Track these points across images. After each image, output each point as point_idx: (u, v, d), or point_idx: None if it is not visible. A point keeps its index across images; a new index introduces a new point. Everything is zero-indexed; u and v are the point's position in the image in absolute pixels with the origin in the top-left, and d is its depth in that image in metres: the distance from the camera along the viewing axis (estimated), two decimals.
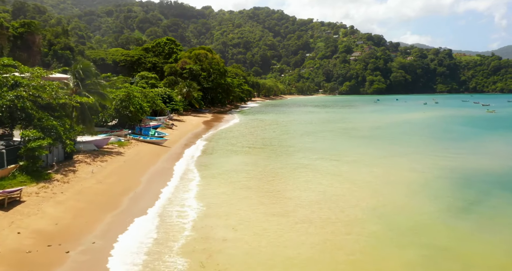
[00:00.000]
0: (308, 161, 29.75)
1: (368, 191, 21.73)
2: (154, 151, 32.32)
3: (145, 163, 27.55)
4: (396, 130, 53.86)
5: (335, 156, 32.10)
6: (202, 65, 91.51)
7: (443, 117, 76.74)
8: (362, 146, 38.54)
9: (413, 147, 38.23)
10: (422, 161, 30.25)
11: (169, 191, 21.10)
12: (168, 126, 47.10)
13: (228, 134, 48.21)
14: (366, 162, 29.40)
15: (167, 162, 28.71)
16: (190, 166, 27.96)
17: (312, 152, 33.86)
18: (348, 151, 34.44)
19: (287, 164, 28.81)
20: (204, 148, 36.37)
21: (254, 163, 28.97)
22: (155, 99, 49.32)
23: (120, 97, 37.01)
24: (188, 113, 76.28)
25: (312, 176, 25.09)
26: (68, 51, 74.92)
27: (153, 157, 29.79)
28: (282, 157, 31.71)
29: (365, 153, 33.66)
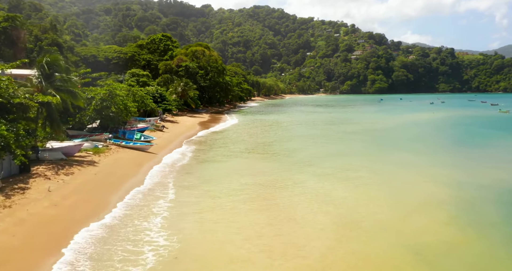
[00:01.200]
0: (317, 179, 23.64)
1: (395, 216, 17.16)
2: (137, 158, 27.75)
3: (122, 175, 22.97)
4: (409, 133, 49.00)
5: (347, 168, 27.02)
6: (199, 63, 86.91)
7: (456, 118, 71.97)
8: (375, 153, 33.76)
9: (437, 155, 33.01)
10: (451, 174, 25.42)
11: (142, 216, 16.55)
12: (158, 129, 42.52)
13: (225, 137, 43.61)
14: (384, 177, 24.37)
15: (149, 174, 24.10)
16: (176, 179, 23.33)
17: (319, 162, 29.08)
18: (362, 162, 29.44)
19: (294, 187, 21.73)
20: (195, 154, 31.74)
21: (252, 179, 24.15)
22: (144, 98, 44.72)
23: (101, 96, 32.46)
24: (183, 113, 71.73)
25: (325, 201, 20.05)
26: (55, 47, 70.20)
27: (134, 167, 25.21)
28: (285, 170, 26.87)
29: (381, 163, 28.98)
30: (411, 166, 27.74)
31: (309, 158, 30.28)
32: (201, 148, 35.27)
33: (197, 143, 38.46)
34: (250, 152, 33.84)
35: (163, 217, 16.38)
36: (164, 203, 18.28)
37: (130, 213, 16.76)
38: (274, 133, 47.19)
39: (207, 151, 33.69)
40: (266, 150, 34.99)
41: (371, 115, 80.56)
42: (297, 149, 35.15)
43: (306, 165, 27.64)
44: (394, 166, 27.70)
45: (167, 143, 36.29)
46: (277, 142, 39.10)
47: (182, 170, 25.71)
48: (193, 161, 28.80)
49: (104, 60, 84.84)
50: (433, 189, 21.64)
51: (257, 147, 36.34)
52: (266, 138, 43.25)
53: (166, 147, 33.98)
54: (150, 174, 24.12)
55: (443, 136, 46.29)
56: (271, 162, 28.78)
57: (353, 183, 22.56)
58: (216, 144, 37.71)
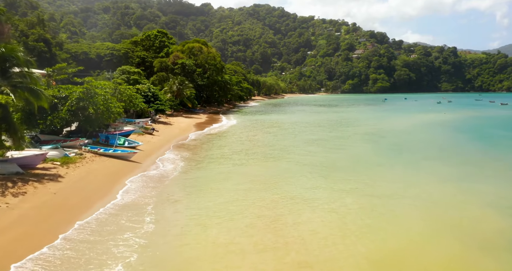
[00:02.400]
0: (331, 201, 18.24)
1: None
2: (114, 170, 23.17)
3: (90, 194, 18.39)
4: (429, 137, 43.83)
5: (369, 182, 22.07)
6: (197, 60, 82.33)
7: (471, 119, 67.07)
8: (400, 162, 28.86)
9: (474, 166, 27.30)
10: (501, 193, 20.47)
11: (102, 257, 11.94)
12: (148, 132, 37.88)
13: (222, 142, 38.98)
14: (426, 200, 19.04)
15: (126, 191, 19.50)
16: (158, 198, 18.74)
17: (331, 174, 24.38)
18: (387, 175, 24.62)
19: (299, 213, 16.69)
20: (187, 164, 27.08)
21: (252, 199, 19.46)
22: (132, 98, 40.08)
23: (77, 95, 27.88)
24: (179, 114, 67.18)
25: (344, 234, 15.64)
26: (42, 43, 65.63)
27: (108, 182, 20.62)
28: (294, 186, 22.36)
29: (409, 175, 24.36)
30: (450, 181, 22.82)
31: (319, 168, 25.63)
32: (194, 155, 30.61)
33: (190, 148, 33.80)
34: (249, 160, 29.20)
35: (126, 264, 11.74)
36: (134, 237, 13.65)
37: (76, 257, 12.07)
38: (277, 137, 42.45)
39: (200, 159, 29.02)
40: (267, 157, 30.34)
41: (380, 116, 75.74)
42: (304, 155, 30.47)
43: (317, 177, 23.04)
44: (429, 180, 22.92)
45: (156, 148, 31.66)
46: (280, 148, 34.36)
47: (168, 185, 21.13)
48: (183, 173, 24.17)
49: (96, 57, 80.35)
50: (494, 217, 16.83)
51: (257, 154, 31.65)
52: (268, 143, 38.51)
53: (153, 154, 29.36)
54: (127, 191, 19.53)
55: (467, 140, 41.26)
56: (275, 176, 24.13)
57: (386, 209, 17.72)
58: (211, 151, 33.07)
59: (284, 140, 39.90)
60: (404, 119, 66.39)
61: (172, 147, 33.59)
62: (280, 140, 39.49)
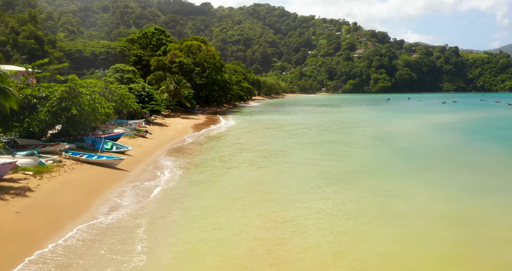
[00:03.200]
0: (341, 222, 15.27)
1: None
2: (98, 180, 20.20)
3: (62, 212, 15.43)
4: (440, 140, 40.65)
5: (383, 196, 18.97)
6: (195, 59, 79.41)
7: (481, 120, 63.96)
8: (412, 169, 25.58)
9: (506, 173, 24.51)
10: None
11: None
12: (140, 135, 34.90)
13: (220, 146, 36.01)
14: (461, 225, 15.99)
15: (106, 208, 16.55)
16: (144, 219, 15.79)
17: (341, 187, 21.15)
18: (400, 185, 21.18)
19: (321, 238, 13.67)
20: (180, 173, 24.15)
21: (255, 220, 16.54)
22: (124, 97, 37.12)
23: (59, 95, 24.94)
24: (176, 114, 64.28)
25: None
26: (32, 40, 62.72)
27: (88, 196, 17.65)
28: (300, 201, 19.39)
29: (432, 187, 21.33)
30: (483, 194, 19.79)
31: (327, 178, 22.55)
32: (191, 161, 27.59)
33: (186, 153, 30.82)
34: (250, 167, 26.26)
35: None
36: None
37: None
38: (279, 141, 39.46)
39: (196, 166, 25.97)
40: (270, 164, 27.36)
41: (386, 116, 72.63)
42: (309, 163, 27.32)
43: (325, 189, 20.08)
44: (458, 194, 19.98)
45: (148, 153, 28.68)
46: (283, 154, 31.28)
47: (160, 199, 18.19)
48: (178, 184, 21.21)
49: (91, 55, 77.52)
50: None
51: (259, 162, 28.62)
52: (270, 147, 35.52)
53: (144, 160, 26.40)
54: (112, 207, 16.58)
55: (485, 144, 38.07)
56: (279, 188, 21.16)
57: (411, 232, 14.85)
58: (209, 156, 30.06)
59: (286, 143, 36.88)
60: (412, 120, 63.38)
61: (166, 152, 30.62)
62: (283, 144, 36.47)
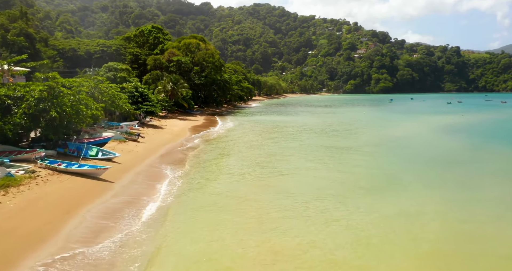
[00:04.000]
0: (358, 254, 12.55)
1: None
2: (74, 195, 17.21)
3: (25, 239, 12.45)
4: (458, 146, 36.25)
5: (404, 217, 16.12)
6: (194, 58, 76.46)
7: (494, 121, 60.90)
8: (436, 184, 22.52)
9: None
10: None
11: None
12: (132, 139, 31.90)
13: (219, 152, 33.06)
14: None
15: (79, 235, 13.57)
16: (121, 252, 12.81)
17: (354, 207, 18.21)
18: (427, 204, 17.98)
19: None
20: (176, 185, 21.20)
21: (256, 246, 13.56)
22: (115, 98, 34.16)
23: (37, 94, 22.01)
24: (174, 115, 61.37)
25: None
26: (22, 37, 59.72)
27: (58, 217, 14.66)
28: (306, 224, 16.35)
29: (470, 207, 18.33)
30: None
31: (334, 194, 19.48)
32: (185, 170, 24.62)
33: (181, 160, 27.83)
34: (252, 183, 23.29)
35: None
36: None
37: None
38: (281, 146, 36.40)
39: (190, 177, 22.95)
40: (271, 177, 24.36)
41: (393, 118, 69.36)
42: (313, 175, 23.91)
43: (335, 209, 17.12)
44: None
45: (138, 160, 25.67)
46: (285, 162, 27.94)
47: (148, 223, 15.25)
48: (170, 201, 18.28)
49: (85, 54, 74.66)
50: None
51: (259, 173, 25.64)
52: (273, 154, 32.55)
53: (134, 168, 23.39)
54: (88, 233, 13.61)
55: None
56: (280, 210, 18.17)
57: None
58: (206, 164, 27.08)
59: (289, 149, 33.84)
60: (421, 122, 60.37)
61: (159, 158, 27.63)
62: (285, 150, 33.43)
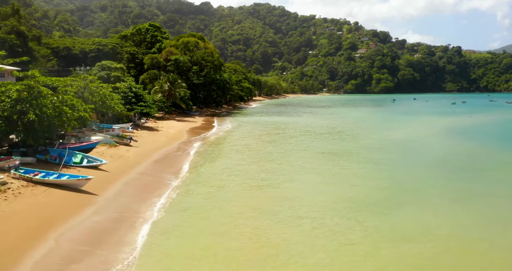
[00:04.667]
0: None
1: None
2: (47, 213, 14.75)
3: None
4: (480, 150, 33.96)
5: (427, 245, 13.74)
6: (192, 57, 74.03)
7: (506, 123, 58.57)
8: (462, 193, 20.34)
9: None
10: None
11: None
12: (123, 142, 29.42)
13: (215, 153, 30.61)
14: None
15: (46, 266, 11.10)
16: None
17: (367, 228, 15.73)
18: (454, 226, 15.90)
19: None
20: (168, 198, 18.74)
21: None
22: (106, 98, 31.70)
23: (14, 95, 19.57)
24: (171, 116, 58.92)
25: None
26: (13, 35, 57.18)
27: (22, 243, 12.22)
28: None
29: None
30: None
31: (347, 209, 16.96)
32: (179, 182, 22.12)
33: (174, 168, 25.29)
34: (250, 190, 20.87)
35: None
36: None
37: None
38: (283, 151, 33.90)
39: (186, 189, 20.41)
40: (275, 188, 21.89)
41: (400, 119, 66.69)
42: (319, 191, 20.34)
43: (348, 223, 14.69)
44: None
45: (128, 167, 23.18)
46: (287, 174, 25.26)
47: (129, 252, 12.78)
48: (155, 222, 15.83)
49: (80, 53, 72.02)
50: None
51: (263, 185, 23.22)
52: (276, 162, 30.09)
53: (122, 177, 20.90)
54: (50, 266, 11.15)
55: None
56: (284, 240, 15.67)
57: None
58: (202, 171, 24.65)
59: (292, 154, 31.39)
60: (430, 123, 57.89)
61: (152, 164, 25.17)
62: (288, 157, 30.94)
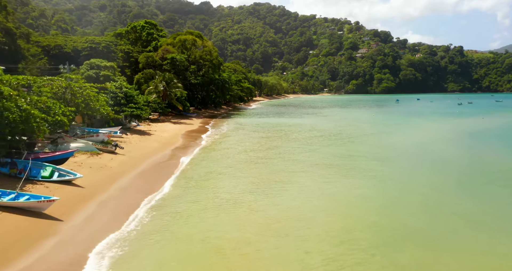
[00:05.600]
0: None
1: None
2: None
3: None
4: (504, 160, 31.01)
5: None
6: (190, 56, 70.71)
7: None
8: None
9: None
10: None
11: None
12: (108, 150, 26.04)
13: (211, 163, 27.25)
14: None
15: None
16: None
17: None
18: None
19: None
20: (153, 226, 15.38)
21: None
22: (90, 100, 28.33)
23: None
24: (167, 118, 55.60)
25: None
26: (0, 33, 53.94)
27: None
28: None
29: None
30: None
31: (370, 241, 13.78)
32: (165, 199, 18.74)
33: (160, 182, 21.90)
34: (246, 215, 17.49)
35: None
36: None
37: None
38: (285, 161, 30.50)
39: (173, 210, 17.00)
40: (278, 212, 18.51)
41: (408, 120, 62.88)
42: (329, 228, 16.91)
43: (371, 259, 11.34)
44: None
45: (108, 181, 19.77)
46: (296, 188, 22.28)
47: None
48: (129, 258, 12.48)
49: (72, 51, 68.72)
50: None
51: (262, 204, 19.80)
52: (280, 171, 26.70)
53: (98, 195, 17.49)
54: None
55: None
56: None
57: None
58: (192, 185, 21.30)
59: (298, 165, 28.09)
60: (442, 125, 54.38)
61: (136, 177, 21.74)
62: (295, 167, 27.69)
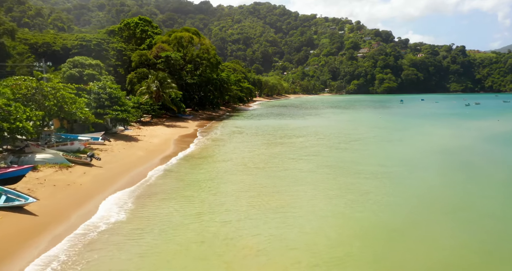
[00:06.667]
0: None
1: None
2: None
3: None
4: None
5: None
6: (186, 54, 66.81)
7: None
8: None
9: None
10: None
11: None
12: (82, 161, 22.09)
13: (206, 178, 23.29)
14: None
15: None
16: None
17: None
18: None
19: None
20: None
21: None
22: (64, 102, 24.41)
23: None
24: (161, 121, 51.69)
25: None
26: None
27: None
28: None
29: None
30: None
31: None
32: (140, 230, 14.82)
33: (146, 201, 18.03)
34: (242, 249, 13.56)
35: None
36: None
37: None
38: (287, 173, 26.51)
39: (149, 245, 13.21)
40: (281, 244, 14.49)
41: (419, 123, 58.38)
42: (351, 242, 13.73)
43: None
44: None
45: (71, 205, 15.78)
46: (300, 210, 18.22)
47: None
48: None
49: (61, 49, 65.00)
50: None
51: (261, 232, 15.77)
52: (282, 186, 22.75)
53: (54, 227, 13.56)
54: None
55: None
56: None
57: None
58: (177, 207, 17.38)
59: (303, 178, 24.17)
60: (457, 129, 50.17)
61: (114, 198, 17.81)
62: (299, 182, 23.76)
